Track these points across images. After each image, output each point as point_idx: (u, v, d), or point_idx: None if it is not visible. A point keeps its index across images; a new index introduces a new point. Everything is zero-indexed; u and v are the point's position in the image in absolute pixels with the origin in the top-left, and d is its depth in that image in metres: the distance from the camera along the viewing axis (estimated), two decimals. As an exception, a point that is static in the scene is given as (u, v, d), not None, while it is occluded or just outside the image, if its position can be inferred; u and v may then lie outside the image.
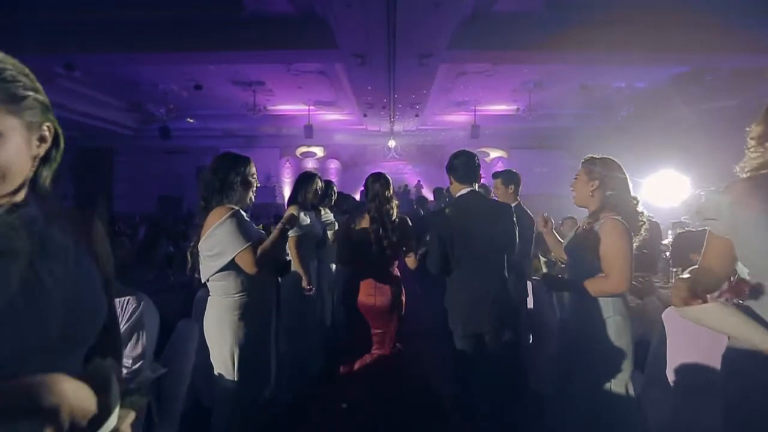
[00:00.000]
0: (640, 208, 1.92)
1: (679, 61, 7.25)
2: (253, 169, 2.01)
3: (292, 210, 2.50)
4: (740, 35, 5.86)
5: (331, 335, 3.48)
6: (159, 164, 13.59)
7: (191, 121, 11.00)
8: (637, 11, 5.50)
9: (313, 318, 3.04)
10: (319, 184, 2.97)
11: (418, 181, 13.99)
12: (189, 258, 1.95)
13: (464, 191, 2.31)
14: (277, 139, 13.44)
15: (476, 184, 2.35)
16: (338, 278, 3.43)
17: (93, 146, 12.98)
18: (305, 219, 2.64)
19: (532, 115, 9.90)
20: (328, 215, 3.37)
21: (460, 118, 11.49)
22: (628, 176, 1.94)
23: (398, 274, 2.70)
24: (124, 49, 6.25)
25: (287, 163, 14.31)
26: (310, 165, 14.17)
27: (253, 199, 2.02)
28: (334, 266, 3.45)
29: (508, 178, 3.21)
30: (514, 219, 2.32)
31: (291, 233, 2.06)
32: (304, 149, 14.49)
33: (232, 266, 1.85)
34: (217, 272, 1.87)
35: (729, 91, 8.01)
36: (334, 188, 3.61)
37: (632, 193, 1.93)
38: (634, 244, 1.83)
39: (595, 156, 1.97)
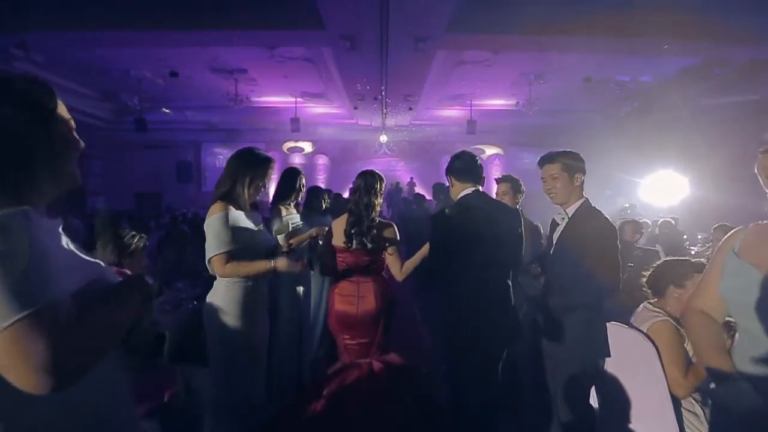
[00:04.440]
0: None
1: (689, 51, 6.80)
2: (62, 109, 0.81)
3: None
4: (752, 25, 5.51)
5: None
6: (136, 159, 12.92)
7: (167, 111, 10.29)
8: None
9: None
10: (269, 174, 2.15)
11: (411, 178, 13.51)
12: None
13: (468, 191, 2.10)
14: (262, 133, 12.76)
15: (480, 185, 2.13)
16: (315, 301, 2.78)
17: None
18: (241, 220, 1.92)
19: (531, 109, 9.44)
20: (292, 215, 2.60)
21: (456, 112, 11.03)
22: None
23: (385, 278, 2.37)
24: (83, 26, 5.56)
25: (273, 158, 13.76)
26: (297, 161, 13.63)
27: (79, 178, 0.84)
28: (301, 288, 2.55)
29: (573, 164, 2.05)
30: (522, 223, 2.08)
31: (214, 250, 1.36)
32: (291, 144, 13.97)
33: None
34: None
35: (740, 85, 7.59)
36: (302, 179, 2.69)
37: None
38: None
39: None
